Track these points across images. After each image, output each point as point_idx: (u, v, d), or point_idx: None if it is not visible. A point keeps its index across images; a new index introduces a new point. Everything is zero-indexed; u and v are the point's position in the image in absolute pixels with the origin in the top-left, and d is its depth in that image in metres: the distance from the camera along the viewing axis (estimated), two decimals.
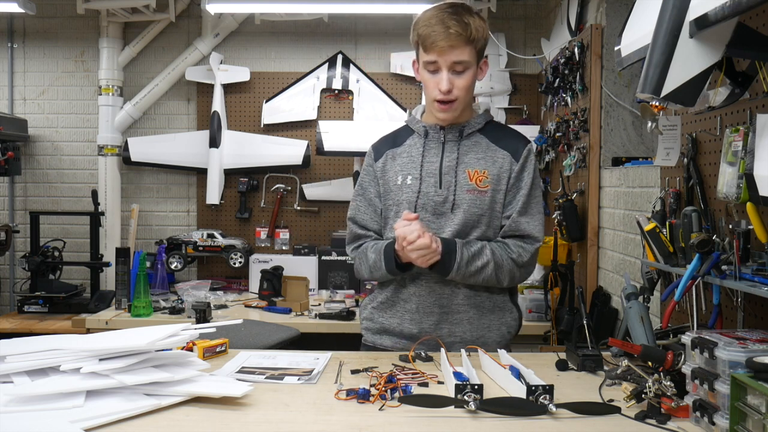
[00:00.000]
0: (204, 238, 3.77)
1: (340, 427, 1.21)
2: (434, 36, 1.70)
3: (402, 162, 1.87)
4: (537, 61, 3.83)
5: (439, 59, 1.72)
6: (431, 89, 1.77)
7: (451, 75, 1.73)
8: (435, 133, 1.85)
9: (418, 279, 1.83)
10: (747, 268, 1.42)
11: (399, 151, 1.89)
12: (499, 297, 1.86)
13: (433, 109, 1.81)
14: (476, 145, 1.84)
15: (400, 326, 1.85)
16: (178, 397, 1.31)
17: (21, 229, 3.87)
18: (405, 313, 1.84)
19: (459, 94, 1.75)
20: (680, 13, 1.29)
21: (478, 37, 1.73)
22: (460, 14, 1.71)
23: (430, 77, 1.76)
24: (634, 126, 2.82)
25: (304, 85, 3.94)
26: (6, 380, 1.35)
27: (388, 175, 1.88)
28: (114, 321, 3.09)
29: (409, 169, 1.85)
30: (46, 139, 4.07)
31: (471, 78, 1.76)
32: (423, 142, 1.86)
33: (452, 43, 1.69)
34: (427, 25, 1.72)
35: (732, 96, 1.56)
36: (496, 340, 1.84)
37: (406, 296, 1.84)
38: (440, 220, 1.81)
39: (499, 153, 1.83)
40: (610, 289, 2.74)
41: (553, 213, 3.06)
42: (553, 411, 1.25)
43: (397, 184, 1.85)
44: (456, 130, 1.84)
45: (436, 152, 1.84)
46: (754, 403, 1.06)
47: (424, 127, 1.87)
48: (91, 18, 3.96)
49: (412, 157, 1.86)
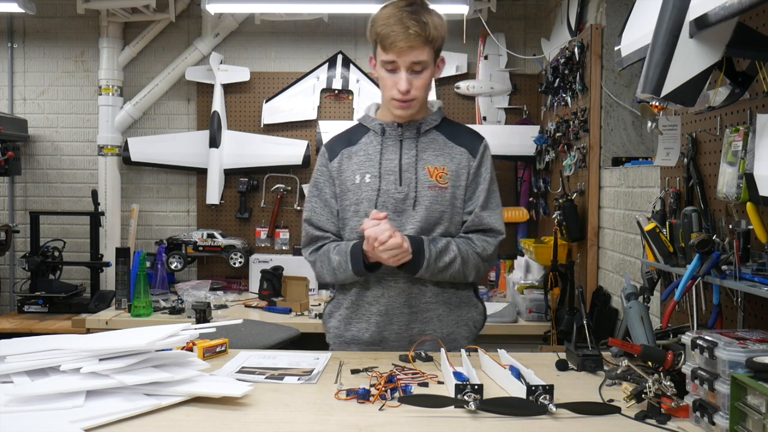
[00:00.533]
0: (204, 238, 3.77)
1: (340, 427, 1.21)
2: (393, 36, 1.68)
3: (359, 160, 1.84)
4: (537, 61, 3.83)
5: (398, 59, 1.71)
6: (389, 88, 1.76)
7: (410, 75, 1.73)
8: (392, 130, 1.84)
9: (384, 281, 1.81)
10: (747, 268, 1.42)
11: (355, 150, 1.86)
12: (464, 293, 1.87)
13: (391, 107, 1.80)
14: (433, 141, 1.84)
15: (368, 331, 1.83)
16: (178, 397, 1.31)
17: (21, 229, 3.87)
18: (372, 316, 1.82)
19: (417, 93, 1.75)
20: (680, 13, 1.29)
21: (436, 37, 1.73)
22: (418, 13, 1.70)
23: (388, 76, 1.75)
24: (634, 126, 2.82)
25: (304, 85, 3.94)
26: (6, 380, 1.35)
27: (345, 175, 1.85)
28: (114, 321, 3.09)
29: (367, 167, 1.82)
30: (46, 139, 4.07)
31: (429, 77, 1.77)
32: (380, 139, 1.84)
33: (411, 43, 1.69)
34: (385, 24, 1.70)
35: (732, 96, 1.56)
36: (465, 336, 1.86)
37: (372, 299, 1.82)
38: (401, 217, 1.79)
39: (456, 149, 1.84)
40: (610, 289, 2.74)
41: (553, 213, 3.06)
42: (553, 411, 1.24)
43: (356, 183, 1.82)
44: (413, 127, 1.83)
45: (394, 149, 1.83)
46: (754, 403, 1.06)
47: (380, 125, 1.85)
48: (91, 18, 3.96)
49: (369, 155, 1.84)
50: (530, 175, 3.84)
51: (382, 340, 1.82)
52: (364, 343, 1.84)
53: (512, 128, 3.82)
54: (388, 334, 1.82)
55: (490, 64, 3.88)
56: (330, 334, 1.92)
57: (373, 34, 1.75)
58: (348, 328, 1.86)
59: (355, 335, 1.85)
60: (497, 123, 3.89)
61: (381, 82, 1.80)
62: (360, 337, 1.84)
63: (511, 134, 3.74)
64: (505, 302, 3.23)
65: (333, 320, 1.91)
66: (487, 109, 3.89)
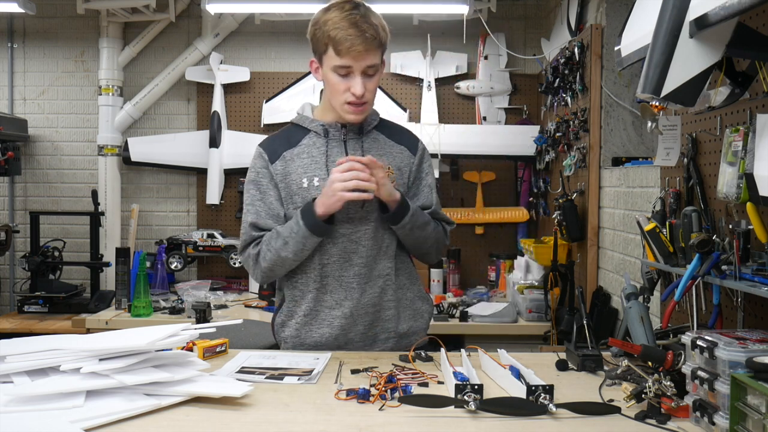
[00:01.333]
0: (204, 238, 3.77)
1: (340, 427, 1.21)
2: (351, 40, 1.66)
3: (303, 163, 1.80)
4: (537, 61, 3.83)
5: (353, 64, 1.69)
6: (341, 93, 1.73)
7: (363, 78, 1.72)
8: (336, 131, 1.82)
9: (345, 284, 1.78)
10: (747, 268, 1.42)
11: (297, 152, 1.81)
12: (416, 287, 1.91)
13: (343, 111, 1.76)
14: (375, 141, 1.85)
15: (332, 335, 1.80)
16: (178, 397, 1.31)
17: (21, 229, 3.87)
18: (334, 320, 1.79)
19: (370, 96, 1.75)
20: (680, 13, 1.29)
21: (385, 39, 1.75)
22: (367, 16, 1.70)
23: (339, 80, 1.72)
24: (634, 126, 2.82)
25: (304, 85, 3.94)
26: (6, 380, 1.34)
27: (291, 178, 1.80)
28: (114, 321, 3.09)
29: (314, 170, 1.78)
30: (46, 139, 4.07)
31: (378, 79, 1.78)
32: (324, 141, 1.81)
33: (368, 47, 1.68)
34: (339, 27, 1.67)
35: (732, 96, 1.56)
36: (423, 328, 1.89)
37: (332, 303, 1.79)
38: (354, 219, 1.77)
39: (397, 148, 1.86)
40: (610, 289, 2.74)
41: (553, 213, 3.06)
42: (553, 411, 1.24)
43: (303, 187, 1.78)
44: (355, 127, 1.83)
45: (339, 151, 1.81)
46: (754, 403, 1.06)
47: (322, 126, 1.82)
48: (91, 18, 3.96)
49: (313, 157, 1.80)
50: (530, 175, 3.84)
51: (348, 342, 1.81)
52: (327, 348, 1.80)
53: (512, 128, 3.82)
54: (353, 335, 1.81)
55: (490, 64, 3.88)
56: (287, 344, 1.86)
57: (324, 37, 1.70)
58: (309, 335, 1.81)
59: (317, 341, 1.81)
60: (497, 123, 3.89)
61: (330, 86, 1.76)
62: (322, 342, 1.81)
63: (511, 134, 3.75)
64: (505, 302, 3.23)
65: (288, 329, 1.85)
66: (487, 109, 3.89)
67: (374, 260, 1.80)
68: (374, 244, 1.79)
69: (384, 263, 1.81)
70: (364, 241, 1.78)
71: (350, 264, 1.78)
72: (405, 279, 1.87)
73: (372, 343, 1.82)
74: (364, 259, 1.78)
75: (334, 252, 1.78)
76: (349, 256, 1.78)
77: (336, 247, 1.78)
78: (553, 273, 2.95)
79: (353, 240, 1.78)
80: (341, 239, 1.77)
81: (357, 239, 1.78)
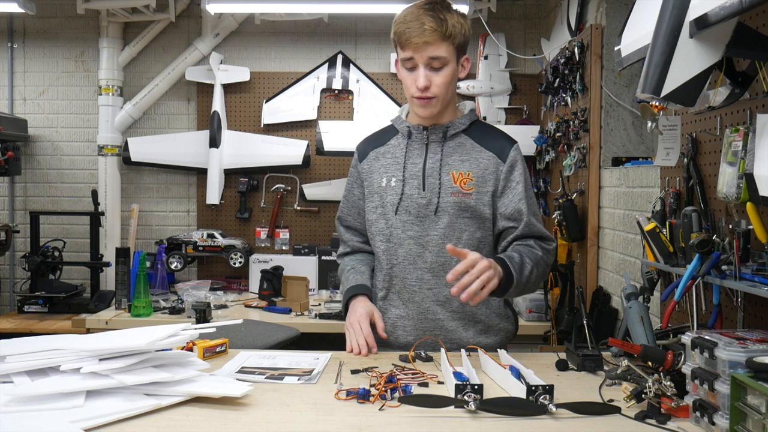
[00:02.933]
0: (204, 238, 3.77)
1: (340, 427, 1.21)
2: (409, 33, 1.69)
3: (386, 163, 1.85)
4: (537, 61, 3.83)
5: (415, 55, 1.71)
6: (409, 86, 1.75)
7: (429, 71, 1.72)
8: (418, 133, 1.83)
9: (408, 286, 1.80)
10: (747, 268, 1.42)
11: (383, 151, 1.87)
12: (495, 303, 1.83)
13: (413, 106, 1.80)
14: (460, 146, 1.81)
15: (393, 335, 1.83)
16: (178, 397, 1.31)
17: (21, 229, 3.87)
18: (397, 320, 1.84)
19: (437, 91, 1.74)
20: (680, 13, 1.29)
21: (455, 33, 1.71)
22: (436, 11, 1.70)
23: (407, 74, 1.75)
24: (634, 126, 2.82)
25: (304, 85, 3.94)
26: (6, 380, 1.34)
27: (373, 177, 1.86)
28: (114, 321, 3.09)
29: (393, 170, 1.82)
30: (46, 139, 4.07)
31: (450, 75, 1.75)
32: (406, 142, 1.84)
33: (427, 39, 1.68)
34: (402, 22, 1.72)
35: (732, 96, 1.56)
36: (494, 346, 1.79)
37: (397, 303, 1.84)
38: (424, 223, 1.78)
39: (484, 154, 1.80)
40: (610, 289, 2.74)
41: (553, 213, 3.06)
42: (553, 411, 1.24)
43: (381, 186, 1.83)
44: (440, 131, 1.82)
45: (419, 153, 1.82)
46: (754, 403, 1.05)
47: (407, 128, 1.84)
48: (91, 18, 3.96)
49: (395, 157, 1.84)
50: (530, 175, 3.83)
51: (407, 345, 1.78)
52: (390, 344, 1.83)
53: (512, 128, 3.81)
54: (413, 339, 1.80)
55: (490, 64, 3.88)
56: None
57: (393, 34, 1.76)
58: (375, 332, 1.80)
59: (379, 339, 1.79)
60: (497, 123, 3.89)
61: (403, 82, 1.79)
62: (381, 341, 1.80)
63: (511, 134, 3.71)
64: None
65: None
66: (487, 109, 3.89)
67: (442, 267, 1.76)
68: (442, 249, 1.76)
69: None
70: (430, 246, 1.77)
71: (415, 267, 1.79)
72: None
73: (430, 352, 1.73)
74: (429, 264, 1.78)
75: (401, 253, 1.81)
76: (414, 260, 1.79)
77: (402, 248, 1.81)
78: (553, 273, 2.95)
79: (420, 243, 1.79)
80: (407, 242, 1.79)
81: (424, 243, 1.78)
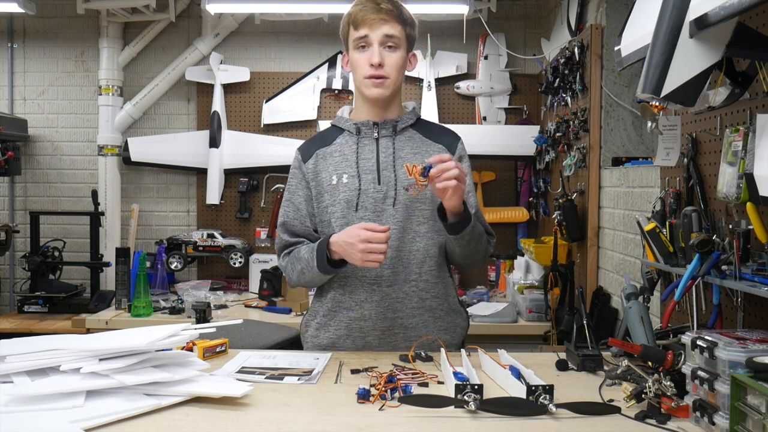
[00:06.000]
0: (204, 238, 3.77)
1: (340, 427, 1.21)
2: (365, 11, 1.70)
3: (334, 161, 1.80)
4: (537, 61, 3.83)
5: (370, 33, 1.71)
6: (362, 66, 1.74)
7: (383, 50, 1.72)
8: (368, 129, 1.81)
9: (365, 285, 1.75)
10: (747, 268, 1.42)
11: (329, 151, 1.82)
12: (452, 300, 1.84)
13: (364, 87, 1.76)
14: (410, 140, 1.82)
15: (349, 337, 1.79)
16: (178, 397, 1.31)
17: (21, 229, 3.87)
18: (351, 322, 1.78)
19: (390, 71, 1.73)
20: (680, 13, 1.29)
21: (409, 20, 1.74)
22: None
23: (360, 55, 1.74)
24: (634, 126, 2.82)
25: (304, 85, 3.94)
26: (6, 380, 1.34)
27: (321, 176, 1.81)
28: (114, 321, 3.09)
29: (344, 168, 1.79)
30: (46, 139, 4.07)
31: (402, 59, 1.75)
32: (356, 139, 1.81)
33: (383, 16, 1.70)
34: (357, 4, 1.74)
35: (732, 96, 1.56)
36: (453, 344, 1.81)
37: (350, 305, 1.77)
38: (381, 217, 1.75)
39: (434, 147, 1.81)
40: (610, 289, 2.74)
41: (553, 213, 3.06)
42: (553, 411, 1.24)
43: (332, 185, 1.78)
44: (389, 126, 1.81)
45: (370, 149, 1.80)
46: (754, 403, 1.06)
47: (355, 125, 1.82)
48: (91, 18, 3.96)
49: (345, 155, 1.80)
50: (530, 175, 3.84)
51: (365, 346, 1.78)
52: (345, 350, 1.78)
53: (512, 128, 3.82)
54: (371, 339, 1.78)
55: (490, 64, 3.88)
56: (308, 344, 1.86)
57: (345, 24, 1.77)
58: (325, 336, 1.80)
59: (334, 342, 1.80)
60: (497, 123, 3.89)
61: (353, 67, 1.78)
62: (339, 344, 1.79)
63: (511, 134, 3.74)
64: (505, 302, 3.23)
65: (309, 329, 1.86)
66: (487, 109, 3.89)
67: (400, 263, 1.75)
68: (401, 245, 1.75)
69: (412, 268, 1.77)
70: (389, 241, 1.68)
71: None
72: (440, 288, 1.81)
73: (391, 351, 1.75)
74: (388, 260, 1.73)
75: None
76: None
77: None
78: (553, 273, 2.95)
79: None
80: None
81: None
